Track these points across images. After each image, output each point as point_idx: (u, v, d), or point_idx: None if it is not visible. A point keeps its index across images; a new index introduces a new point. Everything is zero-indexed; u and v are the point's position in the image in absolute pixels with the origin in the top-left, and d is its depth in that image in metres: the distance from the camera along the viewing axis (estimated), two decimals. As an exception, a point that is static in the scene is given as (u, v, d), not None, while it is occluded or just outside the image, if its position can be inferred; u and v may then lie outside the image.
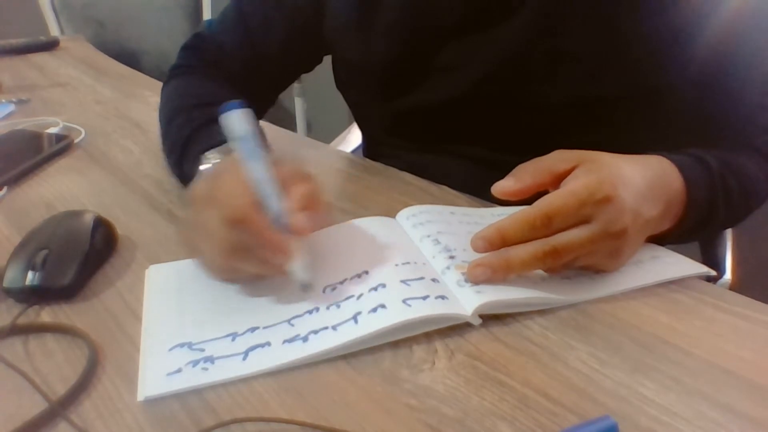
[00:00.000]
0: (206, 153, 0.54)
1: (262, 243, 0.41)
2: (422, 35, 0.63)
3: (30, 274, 0.45)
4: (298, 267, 0.42)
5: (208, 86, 0.70)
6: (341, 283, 0.45)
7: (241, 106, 0.43)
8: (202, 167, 0.53)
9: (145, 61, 1.80)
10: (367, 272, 0.45)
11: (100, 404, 0.36)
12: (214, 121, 0.56)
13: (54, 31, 1.74)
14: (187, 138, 0.59)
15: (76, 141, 0.78)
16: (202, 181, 0.45)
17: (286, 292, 0.45)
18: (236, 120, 0.42)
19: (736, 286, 0.87)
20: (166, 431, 0.34)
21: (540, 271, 0.45)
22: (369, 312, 0.41)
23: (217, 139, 0.54)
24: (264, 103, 0.76)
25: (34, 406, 0.36)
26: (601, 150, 0.47)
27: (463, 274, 0.44)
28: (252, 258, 0.42)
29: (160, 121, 0.68)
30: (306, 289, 0.42)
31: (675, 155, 0.52)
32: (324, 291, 0.45)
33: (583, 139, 0.50)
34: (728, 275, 0.89)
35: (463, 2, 0.61)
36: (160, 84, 1.02)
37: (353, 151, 1.09)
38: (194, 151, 0.56)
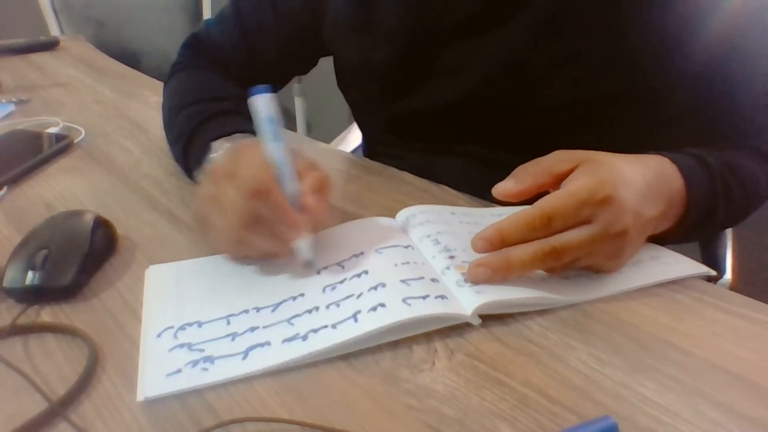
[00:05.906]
0: (217, 140, 0.57)
1: (279, 216, 0.44)
2: (423, 37, 0.63)
3: (30, 274, 0.45)
4: (304, 245, 0.46)
5: (216, 81, 0.72)
6: (341, 282, 0.45)
7: (269, 91, 0.47)
8: (213, 153, 0.56)
9: (145, 61, 1.80)
10: (366, 272, 0.45)
11: (100, 404, 0.36)
12: (224, 113, 0.61)
13: (54, 31, 1.73)
14: (197, 126, 0.61)
15: (76, 141, 0.78)
16: (222, 158, 0.48)
17: (286, 294, 0.45)
18: (264, 102, 0.46)
19: (736, 286, 0.87)
20: (166, 431, 0.34)
21: (540, 272, 0.45)
22: (369, 311, 0.41)
23: (228, 129, 0.58)
24: None
25: (34, 406, 0.36)
26: (602, 150, 0.47)
27: (462, 274, 0.44)
28: (265, 231, 0.44)
29: (168, 111, 0.70)
30: (308, 265, 0.46)
31: (675, 155, 0.52)
32: (324, 291, 0.45)
33: (584, 139, 0.50)
34: (728, 275, 0.89)
35: (464, 4, 0.61)
36: (160, 84, 1.02)
37: (353, 151, 1.09)
38: (203, 139, 0.59)
